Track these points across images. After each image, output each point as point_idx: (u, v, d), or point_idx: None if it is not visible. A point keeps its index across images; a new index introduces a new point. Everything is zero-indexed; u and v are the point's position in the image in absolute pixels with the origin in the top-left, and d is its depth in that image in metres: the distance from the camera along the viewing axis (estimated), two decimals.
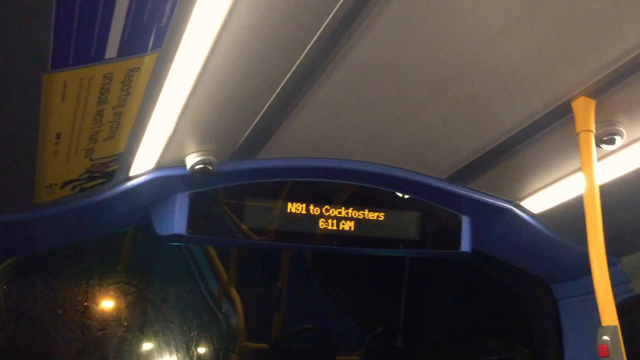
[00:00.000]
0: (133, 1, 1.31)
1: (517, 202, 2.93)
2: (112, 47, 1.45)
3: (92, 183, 2.35)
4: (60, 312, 4.45)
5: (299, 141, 2.54)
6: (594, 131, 2.10)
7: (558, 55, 1.84)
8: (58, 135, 1.84)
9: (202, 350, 5.10)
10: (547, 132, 2.28)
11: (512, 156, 2.50)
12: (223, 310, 5.57)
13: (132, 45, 1.48)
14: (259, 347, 5.57)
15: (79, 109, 1.71)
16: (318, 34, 1.73)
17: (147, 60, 1.58)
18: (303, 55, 1.83)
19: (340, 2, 1.60)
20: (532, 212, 2.96)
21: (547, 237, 3.06)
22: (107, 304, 4.72)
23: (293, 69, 1.90)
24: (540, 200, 2.84)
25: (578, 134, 2.11)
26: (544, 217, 2.95)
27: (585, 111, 2.06)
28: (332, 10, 1.63)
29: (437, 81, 2.04)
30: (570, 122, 2.14)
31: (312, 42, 1.77)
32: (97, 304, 4.67)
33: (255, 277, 6.10)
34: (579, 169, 2.40)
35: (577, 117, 2.09)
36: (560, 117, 2.16)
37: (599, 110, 2.08)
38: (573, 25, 1.72)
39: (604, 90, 2.00)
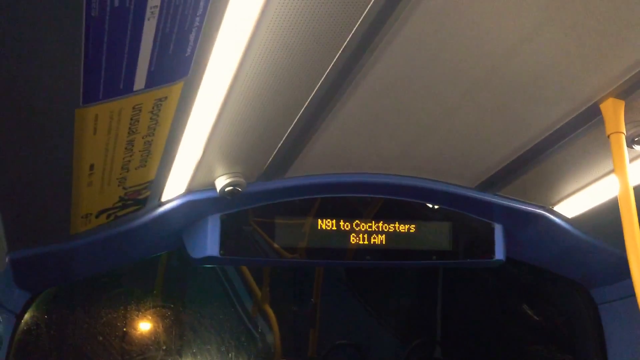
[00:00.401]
0: (159, 34, 1.34)
1: (550, 207, 2.90)
2: (140, 79, 1.48)
3: (126, 211, 2.39)
4: (100, 338, 4.51)
5: (326, 158, 2.55)
6: (625, 132, 2.07)
7: (584, 58, 1.83)
8: (91, 167, 1.88)
9: None
10: (576, 136, 2.26)
11: (542, 161, 2.48)
12: (259, 329, 5.59)
13: (159, 76, 1.51)
14: None
15: (110, 140, 1.75)
16: (340, 51, 1.74)
17: (174, 89, 1.61)
18: (326, 73, 1.85)
19: (361, 19, 1.62)
20: (566, 217, 2.92)
21: (583, 242, 3.01)
22: (145, 328, 4.77)
23: (317, 87, 1.92)
24: (574, 204, 2.79)
25: (608, 136, 2.08)
26: (578, 221, 2.91)
27: (614, 113, 2.04)
28: (353, 28, 1.65)
29: (463, 90, 2.03)
30: (600, 125, 2.11)
31: (334, 60, 1.78)
32: (135, 329, 4.72)
33: (289, 294, 6.10)
34: (612, 171, 2.37)
35: (606, 119, 2.06)
36: (589, 119, 2.14)
37: (628, 111, 2.05)
38: (597, 27, 1.70)
39: (633, 91, 1.97)
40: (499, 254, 3.07)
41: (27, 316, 2.96)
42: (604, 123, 2.08)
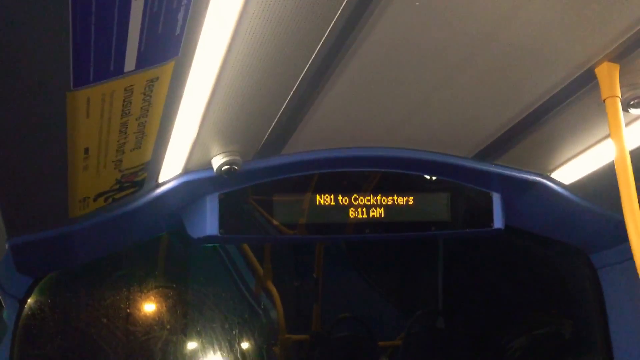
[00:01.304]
0: (146, 13, 1.33)
1: (547, 174, 2.90)
2: (130, 60, 1.47)
3: (123, 193, 2.39)
4: (105, 320, 4.54)
5: (322, 133, 2.54)
6: (620, 96, 2.06)
7: (578, 22, 1.81)
8: (86, 150, 1.87)
9: (245, 346, 5.16)
10: (572, 101, 2.25)
11: (539, 128, 2.47)
12: (262, 306, 5.63)
13: (150, 56, 1.49)
14: (300, 339, 5.62)
15: (103, 123, 1.74)
16: (331, 24, 1.72)
17: (166, 70, 1.60)
18: (318, 47, 1.83)
19: None
20: (563, 184, 2.92)
21: (581, 207, 3.02)
22: (148, 308, 4.81)
23: (309, 62, 1.90)
24: (571, 170, 2.80)
25: (604, 100, 2.07)
26: (575, 187, 2.91)
27: (609, 77, 2.02)
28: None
29: (457, 60, 2.02)
30: (595, 89, 2.10)
31: (326, 34, 1.76)
32: (139, 310, 4.76)
33: (291, 270, 6.14)
34: (608, 136, 2.36)
35: (601, 84, 2.05)
36: (584, 84, 2.13)
37: (623, 74, 2.04)
38: None
39: (627, 54, 1.96)
40: (498, 222, 3.08)
41: (30, 301, 2.98)
42: (599, 87, 2.07)
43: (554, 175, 2.89)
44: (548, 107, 2.30)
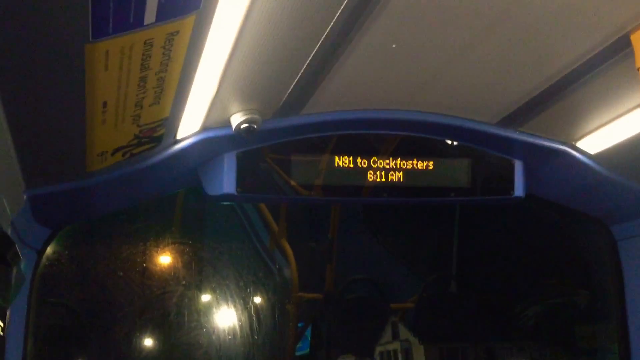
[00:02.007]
0: None
1: (573, 143, 2.83)
2: (150, 13, 1.42)
3: (141, 148, 2.37)
4: (121, 273, 4.61)
5: (343, 94, 2.49)
6: None
7: None
8: (104, 104, 1.85)
9: (258, 302, 5.23)
10: (604, 69, 2.17)
11: (567, 96, 2.40)
12: (277, 264, 5.68)
13: (170, 9, 1.45)
14: (313, 298, 5.68)
15: (122, 76, 1.71)
16: None
17: (186, 23, 1.55)
18: (343, 5, 1.77)
19: None
20: (588, 153, 2.85)
21: (605, 178, 2.96)
22: (164, 263, 4.86)
23: (333, 21, 1.84)
24: (597, 140, 2.73)
25: (639, 69, 1.99)
26: (601, 157, 2.84)
27: None
28: None
29: (485, 21, 1.94)
30: (630, 57, 2.02)
31: None
32: (155, 265, 4.82)
33: (306, 230, 6.17)
34: (639, 106, 2.29)
35: (637, 51, 1.97)
36: (618, 51, 2.05)
37: None
38: None
39: None
40: (519, 190, 3.03)
41: (48, 251, 3.01)
42: (634, 55, 1.99)
43: (579, 144, 2.82)
44: (578, 74, 2.22)
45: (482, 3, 1.85)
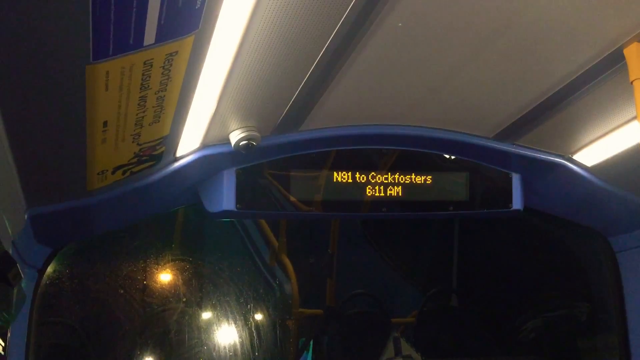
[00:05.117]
0: None
1: (570, 156, 2.85)
2: (150, 34, 1.45)
3: (142, 166, 2.39)
4: (122, 291, 4.60)
5: (341, 111, 2.52)
6: None
7: (607, 0, 1.75)
8: (105, 124, 1.87)
9: (259, 319, 5.21)
10: (599, 82, 2.19)
11: (562, 109, 2.42)
12: (277, 280, 5.66)
13: (170, 30, 1.47)
14: (314, 313, 5.66)
15: (122, 96, 1.73)
16: (353, 1, 1.69)
17: (185, 44, 1.58)
18: (340, 23, 1.79)
19: None
20: (585, 165, 2.87)
21: (603, 190, 2.97)
22: (165, 281, 4.86)
23: (330, 38, 1.87)
24: (594, 152, 2.75)
25: (632, 82, 2.01)
26: (598, 169, 2.86)
27: (638, 57, 1.97)
28: None
29: (480, 38, 1.97)
30: (623, 70, 2.05)
31: (347, 10, 1.73)
32: (155, 282, 4.81)
33: (306, 245, 6.16)
34: (634, 118, 2.31)
35: (630, 65, 1.99)
36: (612, 65, 2.07)
37: None
38: None
39: None
40: (517, 203, 3.05)
41: (49, 270, 3.01)
42: (627, 68, 2.01)
43: (576, 157, 2.84)
44: (573, 88, 2.25)
45: (477, 20, 1.88)
